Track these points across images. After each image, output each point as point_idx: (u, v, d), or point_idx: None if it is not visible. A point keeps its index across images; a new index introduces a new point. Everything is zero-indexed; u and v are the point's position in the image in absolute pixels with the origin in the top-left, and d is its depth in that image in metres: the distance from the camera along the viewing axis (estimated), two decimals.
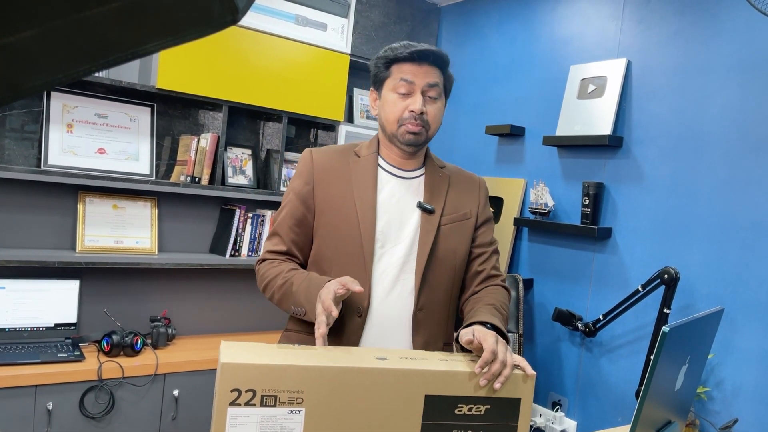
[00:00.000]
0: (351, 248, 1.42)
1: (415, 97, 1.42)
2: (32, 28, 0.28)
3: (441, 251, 1.48)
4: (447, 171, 1.58)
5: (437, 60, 1.45)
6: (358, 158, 1.51)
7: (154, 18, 0.29)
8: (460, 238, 1.52)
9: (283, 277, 1.40)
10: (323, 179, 1.48)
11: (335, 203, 1.46)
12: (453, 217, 1.52)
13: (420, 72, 1.43)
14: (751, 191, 2.11)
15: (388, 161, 1.52)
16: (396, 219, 1.47)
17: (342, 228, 1.44)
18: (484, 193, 1.62)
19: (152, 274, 2.71)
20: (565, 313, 2.54)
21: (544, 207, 2.69)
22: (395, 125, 1.45)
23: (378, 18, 3.17)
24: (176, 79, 2.51)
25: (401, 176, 1.51)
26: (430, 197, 1.50)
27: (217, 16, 0.30)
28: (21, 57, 0.29)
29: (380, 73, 1.48)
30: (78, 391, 2.18)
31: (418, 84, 1.42)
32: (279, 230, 1.50)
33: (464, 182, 1.59)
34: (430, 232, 1.46)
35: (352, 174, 1.48)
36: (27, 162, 2.40)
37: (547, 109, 2.83)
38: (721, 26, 2.22)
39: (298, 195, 1.49)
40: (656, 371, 1.15)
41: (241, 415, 0.94)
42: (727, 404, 2.12)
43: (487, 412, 1.05)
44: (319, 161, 1.51)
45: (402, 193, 1.50)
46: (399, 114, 1.43)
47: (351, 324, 1.41)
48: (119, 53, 0.31)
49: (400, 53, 1.43)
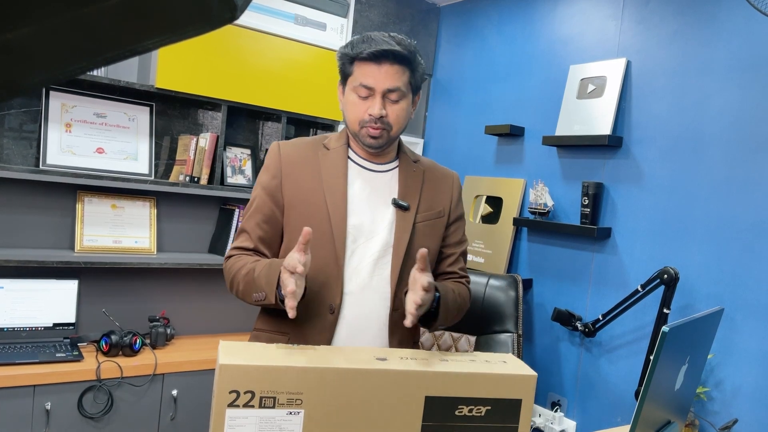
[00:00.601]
0: (322, 242, 1.38)
1: (375, 100, 1.38)
2: (29, 25, 0.28)
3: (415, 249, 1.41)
4: (421, 165, 1.54)
5: (398, 58, 1.39)
6: (328, 150, 1.47)
7: (152, 15, 0.29)
8: (433, 237, 1.50)
9: (247, 267, 1.36)
10: (292, 172, 1.44)
11: (305, 197, 1.42)
12: (427, 215, 1.48)
13: (380, 75, 1.38)
14: (750, 191, 2.11)
15: (360, 154, 1.48)
16: (368, 214, 1.43)
17: (312, 222, 1.38)
18: (457, 189, 1.58)
19: (151, 273, 2.71)
20: (564, 313, 2.54)
21: (544, 207, 2.69)
22: (357, 126, 1.41)
23: (377, 18, 3.17)
24: (175, 78, 2.50)
25: (373, 170, 1.47)
26: (405, 193, 1.46)
27: (216, 13, 0.30)
28: (18, 54, 0.29)
29: (345, 68, 1.44)
30: (76, 391, 2.17)
31: (377, 88, 1.38)
32: (246, 227, 1.46)
33: (438, 178, 1.55)
34: (406, 231, 1.43)
35: (322, 166, 1.44)
36: (25, 161, 2.40)
37: (546, 109, 2.83)
38: (721, 26, 2.22)
39: (266, 190, 1.45)
40: (656, 371, 1.15)
41: (240, 416, 0.93)
42: (727, 404, 2.11)
43: (488, 413, 1.05)
44: (287, 154, 1.46)
45: (374, 187, 1.46)
46: (360, 116, 1.40)
47: (322, 321, 1.37)
48: (117, 50, 0.30)
49: (360, 52, 1.38)
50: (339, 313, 1.38)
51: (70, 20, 0.28)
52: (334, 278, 1.38)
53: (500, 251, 2.90)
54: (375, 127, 1.39)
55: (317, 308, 1.37)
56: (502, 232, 2.91)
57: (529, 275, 2.85)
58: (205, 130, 2.81)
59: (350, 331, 1.39)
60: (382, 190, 1.46)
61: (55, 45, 0.29)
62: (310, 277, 1.36)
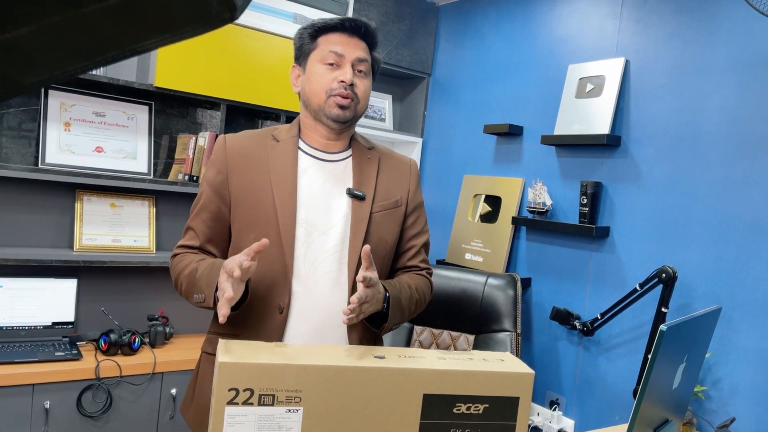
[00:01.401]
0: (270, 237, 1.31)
1: (345, 68, 1.34)
2: (29, 24, 0.28)
3: (373, 241, 1.38)
4: (376, 152, 1.47)
5: (367, 35, 1.37)
6: (277, 142, 1.40)
7: (152, 15, 0.29)
8: (390, 227, 1.43)
9: (191, 267, 1.31)
10: (238, 167, 1.37)
11: (251, 192, 1.35)
12: (384, 204, 1.42)
13: (350, 44, 1.35)
14: (748, 190, 2.11)
15: (311, 144, 1.42)
16: (321, 206, 1.36)
17: (259, 218, 1.34)
18: (415, 176, 1.51)
19: (150, 272, 2.71)
20: (562, 312, 2.55)
21: (542, 206, 2.69)
22: (323, 96, 1.35)
23: (376, 17, 3.17)
24: (174, 77, 2.50)
25: (325, 159, 1.41)
26: (359, 182, 1.40)
27: (215, 13, 0.30)
28: (18, 54, 0.29)
29: (305, 45, 1.38)
30: (75, 390, 2.18)
31: (347, 56, 1.34)
32: (192, 224, 1.40)
33: (395, 165, 1.49)
34: (362, 221, 1.37)
35: (270, 159, 1.37)
36: (24, 160, 2.40)
37: (545, 108, 2.83)
38: (719, 26, 2.23)
39: (212, 186, 1.38)
40: (654, 370, 1.15)
41: (239, 414, 0.94)
42: (725, 403, 2.12)
43: (486, 410, 1.05)
44: (233, 147, 1.40)
45: (326, 178, 1.39)
46: (327, 85, 1.34)
47: (271, 321, 1.32)
48: (116, 50, 0.31)
49: (329, 21, 1.35)
50: (288, 312, 1.32)
51: (70, 20, 0.28)
52: (282, 277, 1.32)
53: (499, 250, 2.90)
54: (344, 95, 1.33)
55: (265, 308, 1.32)
56: (500, 231, 2.91)
57: (527, 274, 2.85)
58: (204, 129, 2.81)
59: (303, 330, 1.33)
60: (336, 180, 1.40)
61: (54, 45, 0.29)
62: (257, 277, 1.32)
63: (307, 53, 1.38)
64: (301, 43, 1.39)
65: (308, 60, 1.38)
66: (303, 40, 1.39)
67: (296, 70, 1.43)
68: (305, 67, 1.39)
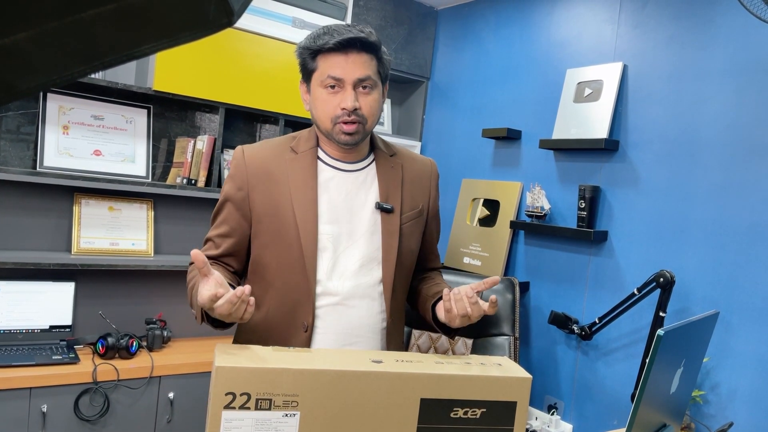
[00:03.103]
0: (293, 257, 1.30)
1: (346, 92, 1.29)
2: (27, 30, 0.28)
3: (404, 253, 1.38)
4: (399, 158, 1.44)
5: (365, 46, 1.30)
6: (296, 155, 1.37)
7: (149, 20, 0.29)
8: (416, 236, 1.44)
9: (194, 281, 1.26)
10: (258, 182, 1.34)
11: (273, 208, 1.33)
12: (410, 215, 1.41)
13: (348, 65, 1.29)
14: (746, 195, 2.12)
15: (331, 155, 1.38)
16: (346, 218, 1.34)
17: (281, 235, 1.31)
18: (435, 179, 1.50)
19: (148, 276, 2.71)
20: (561, 316, 2.55)
21: (541, 210, 2.70)
22: (329, 124, 1.32)
23: (375, 21, 3.17)
24: (173, 81, 2.50)
25: (347, 170, 1.38)
26: (386, 194, 1.37)
27: (213, 18, 0.30)
28: (16, 58, 0.29)
29: (308, 64, 1.34)
30: (73, 394, 2.17)
31: (347, 79, 1.29)
32: (212, 236, 1.37)
33: (417, 170, 1.46)
34: (394, 234, 1.35)
35: (290, 174, 1.34)
36: (22, 163, 2.39)
37: (543, 112, 2.84)
38: (717, 31, 2.23)
39: (232, 201, 1.35)
40: (651, 374, 1.15)
41: (236, 418, 0.93)
42: (723, 408, 2.12)
43: (483, 415, 1.05)
44: (253, 162, 1.36)
45: (349, 188, 1.36)
46: (332, 112, 1.30)
47: (296, 339, 1.31)
48: (114, 55, 0.31)
49: (324, 43, 1.28)
50: (313, 330, 1.31)
51: (67, 25, 0.28)
52: (305, 295, 1.30)
53: (497, 254, 2.90)
54: (349, 121, 1.30)
55: (290, 327, 1.31)
56: (499, 235, 2.92)
57: (525, 278, 2.85)
58: (203, 133, 2.81)
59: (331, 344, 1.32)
60: (360, 190, 1.37)
61: (52, 50, 0.29)
62: (281, 295, 1.31)
63: (309, 73, 1.35)
64: (303, 62, 1.36)
65: (311, 81, 1.35)
66: (305, 60, 1.35)
67: (303, 87, 1.40)
68: (310, 88, 1.36)
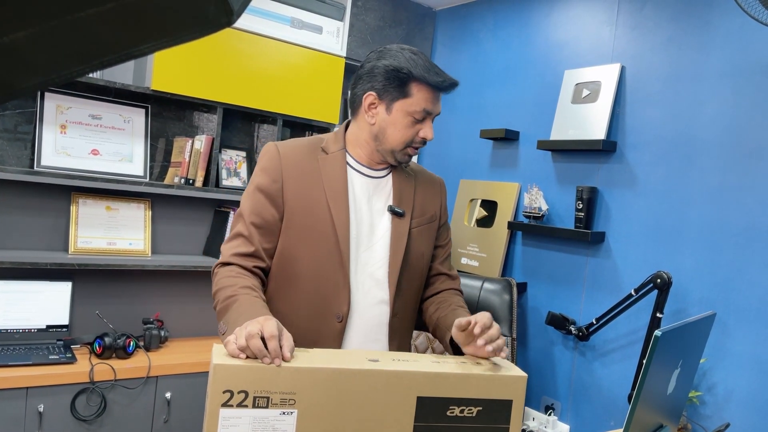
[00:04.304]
0: (326, 251, 1.36)
1: (427, 124, 1.39)
2: (26, 28, 0.28)
3: (412, 256, 1.45)
4: (411, 171, 1.54)
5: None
6: (327, 155, 1.43)
7: (149, 19, 0.29)
8: (427, 242, 1.51)
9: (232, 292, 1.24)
10: (292, 176, 1.38)
11: (307, 202, 1.37)
12: (421, 221, 1.49)
13: (438, 100, 1.41)
14: (743, 196, 2.12)
15: (358, 160, 1.45)
16: (366, 221, 1.42)
17: (316, 230, 1.36)
18: (444, 194, 1.61)
19: (145, 276, 2.70)
20: (558, 317, 2.55)
21: (538, 211, 2.70)
22: (401, 146, 1.40)
23: (373, 21, 3.18)
24: (171, 80, 2.50)
25: (370, 175, 1.45)
26: (399, 199, 1.46)
27: (212, 17, 0.30)
28: (15, 57, 0.29)
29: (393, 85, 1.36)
30: (69, 394, 2.17)
31: (434, 113, 1.41)
32: (243, 231, 1.37)
33: (428, 183, 1.56)
34: (402, 237, 1.43)
35: (323, 172, 1.40)
36: (20, 163, 2.39)
37: (541, 113, 2.84)
38: (714, 33, 2.24)
39: (266, 192, 1.37)
40: (648, 375, 1.15)
41: (234, 416, 0.94)
42: (719, 409, 2.12)
43: (479, 413, 1.05)
44: (287, 156, 1.40)
45: (371, 193, 1.44)
46: (410, 138, 1.39)
47: (329, 329, 1.36)
48: (113, 54, 0.31)
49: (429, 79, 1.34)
50: (346, 322, 1.37)
51: (66, 24, 0.28)
52: (341, 287, 1.36)
53: (495, 255, 2.91)
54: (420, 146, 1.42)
55: (324, 317, 1.36)
56: (496, 236, 2.92)
57: (523, 279, 2.85)
58: (201, 133, 2.81)
59: (358, 339, 1.39)
60: (379, 196, 1.45)
61: (51, 49, 0.29)
62: (316, 286, 1.37)
63: (395, 96, 1.37)
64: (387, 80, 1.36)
65: (395, 104, 1.37)
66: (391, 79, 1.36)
67: (375, 100, 1.39)
68: (389, 108, 1.38)
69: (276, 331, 0.99)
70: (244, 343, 0.97)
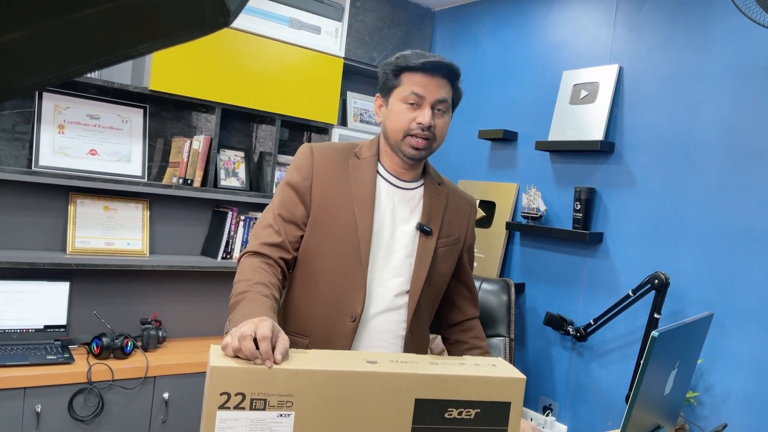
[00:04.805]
0: (347, 251, 1.39)
1: (425, 110, 1.39)
2: (23, 29, 0.28)
3: (435, 275, 1.46)
4: (444, 188, 1.54)
5: (449, 73, 1.43)
6: (359, 160, 1.47)
7: (146, 20, 0.29)
8: (449, 263, 1.52)
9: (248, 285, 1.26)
10: (322, 177, 1.43)
11: (332, 203, 1.42)
12: (447, 241, 1.50)
13: (431, 85, 1.39)
14: (741, 197, 2.13)
15: (387, 169, 1.48)
16: (388, 230, 1.43)
17: (338, 230, 1.40)
18: (474, 216, 1.61)
19: (143, 276, 2.70)
20: (556, 317, 2.55)
21: (536, 211, 2.70)
22: (400, 135, 1.40)
23: (372, 22, 3.18)
24: (169, 80, 2.50)
25: (398, 186, 1.47)
26: (429, 217, 1.47)
27: (209, 18, 0.30)
28: (11, 57, 0.29)
29: (389, 80, 1.43)
30: (67, 394, 2.16)
31: (428, 98, 1.39)
32: (273, 222, 1.42)
33: (459, 203, 1.56)
34: (428, 255, 1.44)
35: (351, 176, 1.44)
36: (18, 163, 2.39)
37: (539, 114, 2.84)
38: (712, 34, 2.24)
39: (296, 189, 1.43)
40: (645, 376, 1.15)
41: (231, 418, 0.93)
42: (717, 409, 2.13)
43: (477, 416, 1.05)
44: (320, 158, 1.45)
45: (396, 204, 1.46)
46: (406, 125, 1.39)
47: (342, 327, 1.39)
48: (110, 54, 0.31)
49: (413, 63, 1.39)
50: (360, 322, 1.39)
51: (63, 24, 0.28)
52: (358, 287, 1.38)
53: (493, 255, 2.91)
54: (422, 136, 1.39)
55: (339, 315, 1.38)
56: (494, 236, 2.92)
57: (521, 279, 2.85)
58: (199, 133, 2.81)
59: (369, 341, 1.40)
60: (405, 208, 1.46)
61: (47, 49, 0.29)
62: (333, 284, 1.39)
63: (390, 88, 1.43)
64: (385, 78, 1.44)
65: (391, 95, 1.43)
66: (387, 76, 1.44)
67: (379, 101, 1.48)
68: (387, 101, 1.44)
69: (269, 332, 0.99)
70: (237, 344, 0.97)
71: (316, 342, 1.41)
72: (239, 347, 0.96)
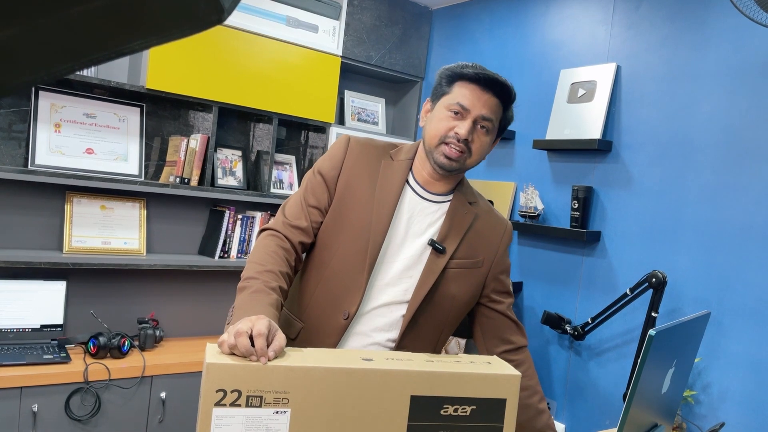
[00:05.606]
0: (356, 249, 1.38)
1: (466, 122, 1.34)
2: (15, 26, 0.28)
3: (438, 295, 1.41)
4: (475, 209, 1.47)
5: (502, 93, 1.37)
6: (392, 162, 1.44)
7: (138, 17, 0.29)
8: (464, 285, 1.44)
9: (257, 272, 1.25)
10: (351, 170, 1.42)
11: (354, 199, 1.40)
12: (462, 263, 1.43)
13: (480, 99, 1.35)
14: (738, 196, 2.13)
15: (417, 177, 1.44)
16: (399, 238, 1.40)
17: (353, 226, 1.39)
18: (506, 240, 1.51)
19: (140, 275, 2.70)
20: (553, 316, 2.55)
21: (534, 210, 2.70)
22: (436, 141, 1.36)
23: (369, 20, 3.18)
24: (166, 79, 2.50)
25: (423, 196, 1.43)
26: (446, 234, 1.41)
27: (202, 15, 0.30)
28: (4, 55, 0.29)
29: (441, 86, 1.40)
30: (64, 393, 2.16)
31: (473, 112, 1.34)
32: (298, 205, 1.43)
33: (489, 226, 1.48)
34: (433, 274, 1.39)
35: (380, 176, 1.42)
36: (14, 162, 2.38)
37: (537, 112, 2.84)
38: (710, 32, 2.25)
39: (324, 176, 1.43)
40: (643, 374, 1.15)
41: (227, 415, 0.93)
42: (714, 408, 2.13)
43: (473, 412, 1.05)
44: (354, 151, 1.44)
45: (416, 213, 1.42)
46: (443, 132, 1.35)
47: (334, 322, 1.37)
48: (103, 52, 0.31)
49: (467, 72, 1.36)
50: (352, 321, 1.37)
51: (56, 21, 0.28)
52: (357, 287, 1.37)
53: None
54: (456, 147, 1.34)
55: (334, 310, 1.38)
56: None
57: (519, 278, 2.86)
58: (196, 132, 2.80)
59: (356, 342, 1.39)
60: (422, 221, 1.42)
61: (40, 46, 0.29)
62: (336, 278, 1.38)
63: (440, 94, 1.40)
64: (438, 83, 1.42)
65: (439, 101, 1.40)
66: (440, 81, 1.41)
67: (428, 105, 1.46)
68: (434, 107, 1.42)
69: (265, 329, 0.99)
70: (233, 341, 0.97)
71: (308, 330, 1.40)
72: (235, 344, 0.96)
